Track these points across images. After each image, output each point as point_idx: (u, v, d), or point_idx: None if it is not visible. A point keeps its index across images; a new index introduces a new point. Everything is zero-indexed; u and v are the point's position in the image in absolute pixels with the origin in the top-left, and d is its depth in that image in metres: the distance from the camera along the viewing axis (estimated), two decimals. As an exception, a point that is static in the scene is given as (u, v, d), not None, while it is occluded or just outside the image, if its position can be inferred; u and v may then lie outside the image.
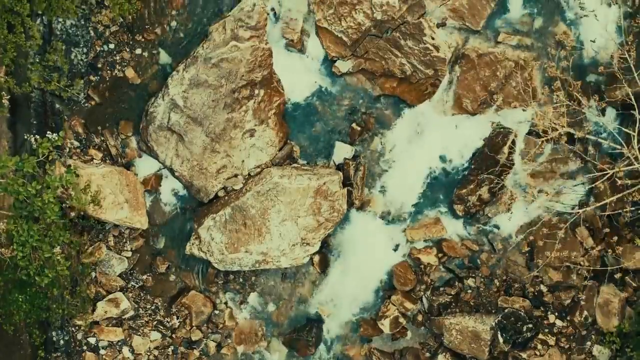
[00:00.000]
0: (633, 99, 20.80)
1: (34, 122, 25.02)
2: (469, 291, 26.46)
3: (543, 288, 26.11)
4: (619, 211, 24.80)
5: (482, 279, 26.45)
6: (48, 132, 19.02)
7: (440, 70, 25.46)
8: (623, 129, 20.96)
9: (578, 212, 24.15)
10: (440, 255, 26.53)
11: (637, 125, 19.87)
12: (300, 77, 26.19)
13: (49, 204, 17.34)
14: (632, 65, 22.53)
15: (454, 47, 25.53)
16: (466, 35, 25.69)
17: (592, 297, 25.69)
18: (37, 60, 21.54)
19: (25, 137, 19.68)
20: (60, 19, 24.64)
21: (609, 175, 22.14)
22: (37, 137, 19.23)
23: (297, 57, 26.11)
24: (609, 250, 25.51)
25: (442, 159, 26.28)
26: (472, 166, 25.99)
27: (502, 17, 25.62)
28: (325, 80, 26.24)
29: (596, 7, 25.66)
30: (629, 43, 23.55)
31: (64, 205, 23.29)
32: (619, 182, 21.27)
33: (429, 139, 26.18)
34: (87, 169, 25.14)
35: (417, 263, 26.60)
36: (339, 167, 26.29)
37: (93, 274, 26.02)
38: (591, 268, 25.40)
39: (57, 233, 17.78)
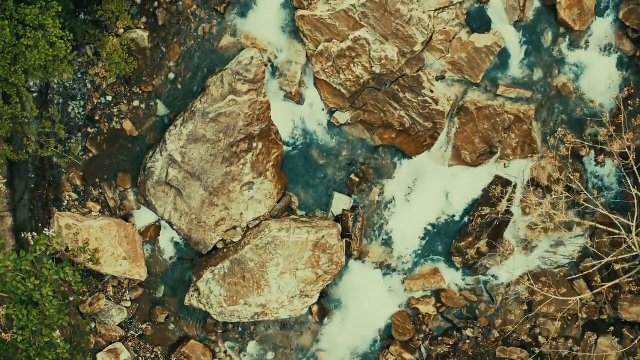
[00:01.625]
0: (633, 190, 20.86)
1: (32, 176, 25.02)
2: (468, 341, 26.55)
3: (541, 339, 26.21)
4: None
5: (480, 330, 26.54)
6: (45, 229, 18.95)
7: (439, 124, 25.37)
8: (623, 220, 20.93)
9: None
10: (438, 305, 26.59)
11: (636, 214, 19.87)
12: (298, 128, 26.13)
13: (48, 297, 17.37)
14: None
15: (453, 99, 25.42)
16: (465, 88, 25.58)
17: (589, 349, 25.80)
18: (34, 127, 21.43)
19: (22, 234, 19.64)
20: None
21: (606, 261, 22.18)
22: (34, 234, 19.21)
23: (296, 108, 26.02)
24: (607, 303, 25.59)
25: (441, 210, 26.26)
26: (471, 218, 25.97)
27: (502, 69, 25.49)
28: (323, 130, 26.17)
29: (594, 57, 25.60)
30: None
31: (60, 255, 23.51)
32: (617, 267, 21.27)
33: (428, 189, 26.16)
34: (86, 221, 25.13)
35: (415, 313, 26.68)
36: (338, 219, 26.29)
37: (93, 324, 26.13)
38: (588, 319, 25.49)
39: (56, 317, 17.82)
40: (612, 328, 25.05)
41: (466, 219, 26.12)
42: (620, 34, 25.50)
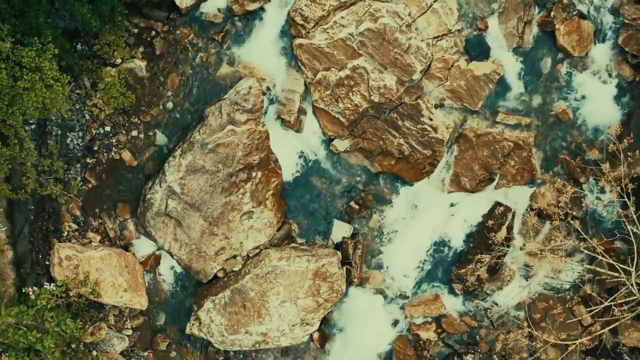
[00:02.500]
0: (632, 235, 20.87)
1: (32, 207, 25.00)
2: (468, 367, 26.68)
3: (542, 365, 26.33)
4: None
5: (481, 355, 26.60)
6: (46, 283, 18.98)
7: (438, 151, 25.32)
8: (622, 266, 20.91)
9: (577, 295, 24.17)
10: (439, 331, 26.63)
11: (636, 259, 19.88)
12: (298, 156, 26.07)
13: (49, 349, 17.41)
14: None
15: (452, 127, 25.36)
16: (464, 115, 25.51)
17: (590, 375, 25.89)
18: (33, 166, 21.40)
19: (24, 289, 19.65)
20: (55, 106, 24.56)
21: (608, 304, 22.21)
22: (35, 288, 19.23)
23: (295, 136, 25.95)
24: (607, 328, 25.60)
25: (441, 236, 26.25)
26: (471, 244, 25.98)
27: (501, 96, 25.41)
28: (322, 158, 26.12)
29: (594, 83, 25.51)
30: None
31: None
32: (617, 310, 21.27)
33: (427, 216, 26.14)
34: (86, 252, 25.14)
35: (416, 339, 26.72)
36: (338, 246, 26.29)
37: (94, 353, 26.18)
38: (588, 345, 25.50)
39: (57, 364, 17.90)
40: (613, 355, 25.12)
41: (466, 246, 26.13)
42: (620, 59, 25.41)
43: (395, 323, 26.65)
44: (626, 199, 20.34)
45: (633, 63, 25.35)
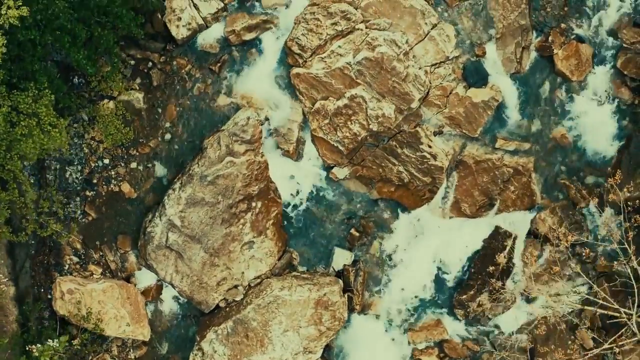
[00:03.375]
0: (632, 277, 20.88)
1: (32, 242, 25.00)
2: (471, 391, 26.76)
3: (544, 389, 26.38)
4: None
5: (483, 379, 26.71)
6: (49, 340, 19.01)
7: (437, 178, 25.28)
8: (624, 310, 20.93)
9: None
10: (441, 355, 26.67)
11: (637, 302, 19.92)
12: (297, 184, 26.03)
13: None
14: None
15: (452, 154, 25.32)
16: (463, 142, 25.46)
17: (593, 399, 25.95)
18: (32, 208, 21.39)
19: (27, 348, 19.67)
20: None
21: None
22: (38, 345, 19.26)
23: (294, 164, 25.89)
24: (610, 351, 25.65)
25: (442, 261, 26.25)
26: (472, 270, 25.99)
27: (500, 122, 25.37)
28: (322, 185, 26.07)
29: (593, 107, 25.47)
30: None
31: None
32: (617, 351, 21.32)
33: (428, 242, 26.14)
34: (88, 285, 25.15)
35: (419, 364, 26.84)
36: (339, 274, 26.30)
37: (98, 383, 26.28)
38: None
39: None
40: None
41: (467, 271, 26.14)
42: (618, 83, 25.35)
43: (398, 349, 26.69)
44: (627, 246, 20.37)
45: (632, 86, 25.29)
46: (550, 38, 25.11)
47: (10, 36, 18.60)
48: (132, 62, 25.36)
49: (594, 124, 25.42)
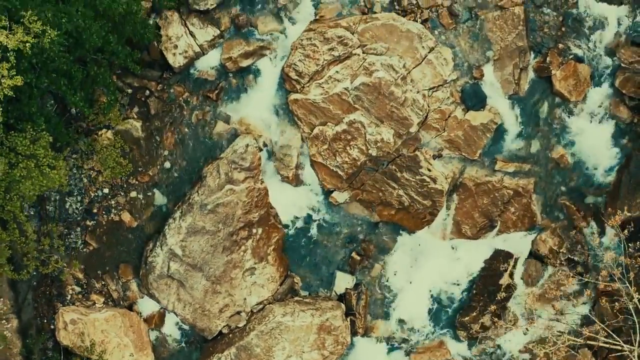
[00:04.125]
0: (634, 313, 20.88)
1: (34, 273, 24.97)
2: (475, 411, 26.84)
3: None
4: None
5: (487, 399, 26.78)
6: None
7: (438, 202, 25.25)
8: (625, 345, 20.92)
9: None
10: (445, 376, 26.80)
11: (638, 338, 19.94)
12: (297, 209, 26.01)
13: None
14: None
15: (451, 177, 25.28)
16: (463, 165, 25.42)
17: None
18: (33, 247, 21.41)
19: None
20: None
21: None
22: None
23: (294, 190, 25.86)
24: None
25: (444, 283, 26.26)
26: (474, 291, 26.00)
27: (499, 144, 25.32)
28: (322, 210, 26.06)
29: (592, 126, 25.42)
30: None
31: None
32: None
33: (429, 263, 26.14)
34: (91, 314, 25.18)
35: (422, 384, 26.89)
36: (341, 298, 26.32)
37: (103, 409, 26.34)
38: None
39: None
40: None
41: (469, 292, 26.15)
42: (617, 102, 25.29)
43: (401, 370, 26.85)
44: (628, 286, 20.39)
45: (630, 105, 25.23)
46: (548, 59, 25.03)
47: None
48: (129, 90, 25.29)
49: (593, 143, 25.38)
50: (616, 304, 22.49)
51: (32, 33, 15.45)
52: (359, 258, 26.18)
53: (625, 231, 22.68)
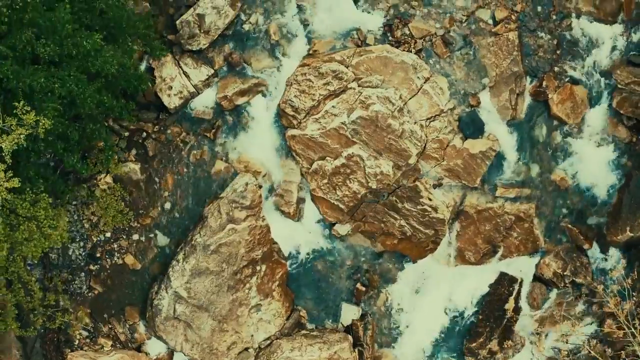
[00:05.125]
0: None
1: (42, 329, 25.06)
2: None
3: None
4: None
5: (497, 422, 26.88)
6: None
7: (440, 230, 25.24)
8: None
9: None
10: (455, 401, 26.90)
11: None
12: (300, 243, 25.99)
13: None
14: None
15: (452, 205, 25.26)
16: (463, 192, 25.39)
17: None
18: (39, 303, 21.46)
19: None
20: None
21: None
22: None
23: (296, 224, 25.84)
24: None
25: (450, 309, 26.29)
26: (480, 316, 26.03)
27: (499, 170, 25.27)
28: (325, 242, 26.05)
29: (591, 148, 25.36)
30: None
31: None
32: None
33: (435, 290, 26.16)
34: (99, 358, 25.23)
35: (433, 410, 27.02)
36: (348, 329, 26.35)
37: None
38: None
39: None
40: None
41: (475, 318, 26.19)
42: (615, 122, 25.24)
43: (411, 397, 26.96)
44: (633, 331, 20.41)
45: (629, 125, 25.18)
46: (544, 83, 24.94)
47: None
48: (126, 133, 25.21)
49: (593, 164, 25.34)
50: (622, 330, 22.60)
51: (25, 125, 15.43)
52: (364, 289, 26.20)
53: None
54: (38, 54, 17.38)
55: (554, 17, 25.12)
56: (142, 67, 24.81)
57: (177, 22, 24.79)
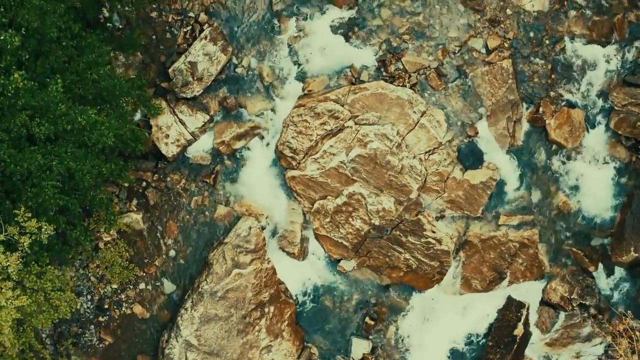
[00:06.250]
0: None
1: (55, 388, 25.23)
2: None
3: None
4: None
5: None
6: None
7: (445, 261, 25.26)
8: None
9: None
10: None
11: None
12: (307, 281, 26.02)
13: None
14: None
15: (456, 236, 25.26)
16: (467, 222, 25.38)
17: None
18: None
19: None
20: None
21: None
22: None
23: (301, 263, 25.85)
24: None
25: (459, 337, 26.31)
26: (490, 343, 26.07)
27: (501, 198, 25.26)
28: (332, 278, 26.08)
29: (591, 169, 25.33)
30: None
31: None
32: None
33: (443, 319, 26.19)
34: (114, 408, 25.46)
35: None
36: (359, 363, 26.54)
37: None
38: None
39: None
40: None
41: (485, 344, 26.24)
42: (614, 142, 25.18)
43: None
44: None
45: (627, 145, 25.13)
46: (541, 108, 24.87)
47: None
48: (126, 184, 25.21)
49: (594, 186, 25.31)
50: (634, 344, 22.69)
51: (27, 232, 15.41)
52: (372, 322, 26.26)
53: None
54: (33, 134, 17.34)
55: (547, 41, 25.02)
56: (137, 116, 24.80)
57: (170, 70, 24.74)
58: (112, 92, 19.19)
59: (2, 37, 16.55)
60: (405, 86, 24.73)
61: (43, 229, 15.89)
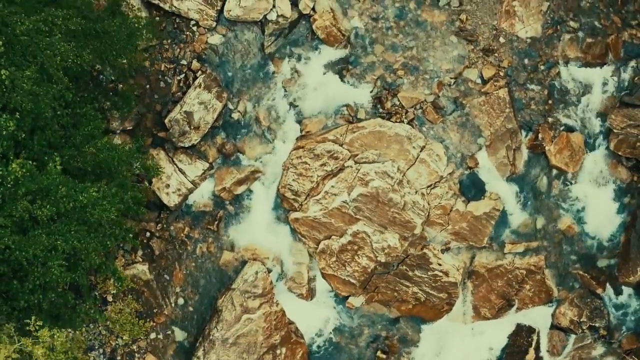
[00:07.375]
0: None
1: None
2: None
3: None
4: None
5: None
6: None
7: (453, 293, 25.29)
8: None
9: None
10: None
11: None
12: (316, 319, 26.04)
13: None
14: None
15: (463, 267, 25.25)
16: (472, 253, 25.39)
17: None
18: None
19: None
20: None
21: None
22: None
23: (310, 303, 25.86)
24: None
25: (472, 364, 26.58)
26: (502, 369, 26.30)
27: (505, 227, 25.24)
28: (341, 315, 26.11)
29: (593, 192, 25.30)
30: None
31: None
32: None
33: (455, 349, 26.24)
34: None
35: None
36: (374, 397, 26.63)
37: None
38: None
39: None
40: None
41: (498, 370, 26.46)
42: (614, 163, 25.15)
43: None
44: None
45: (628, 165, 25.09)
46: (539, 135, 24.81)
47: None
48: (130, 235, 25.20)
49: (597, 208, 25.30)
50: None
51: (41, 342, 15.45)
52: (384, 356, 26.33)
53: None
54: (36, 216, 17.33)
55: (542, 67, 24.92)
56: (136, 169, 24.75)
57: (166, 120, 24.67)
58: (111, 163, 19.16)
59: (-3, 123, 16.53)
60: (403, 122, 24.64)
61: (56, 336, 15.93)
